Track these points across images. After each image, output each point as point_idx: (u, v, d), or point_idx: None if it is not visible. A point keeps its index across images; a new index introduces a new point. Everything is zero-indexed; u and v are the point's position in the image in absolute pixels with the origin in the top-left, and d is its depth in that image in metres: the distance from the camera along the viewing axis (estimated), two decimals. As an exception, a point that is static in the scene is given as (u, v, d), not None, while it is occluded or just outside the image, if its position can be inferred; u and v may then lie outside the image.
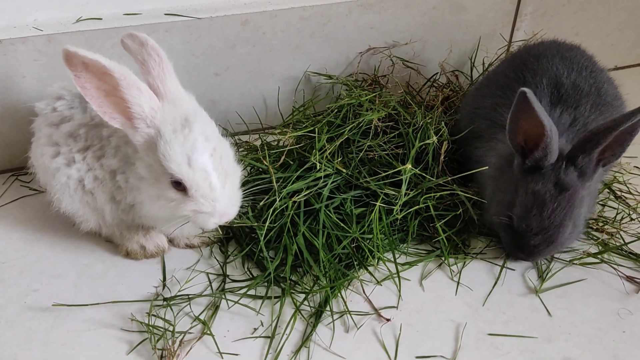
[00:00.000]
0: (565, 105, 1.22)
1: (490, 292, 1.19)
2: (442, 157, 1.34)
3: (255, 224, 1.25)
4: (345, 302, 1.16)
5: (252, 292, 1.18)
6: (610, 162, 1.14)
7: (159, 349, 1.06)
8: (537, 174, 1.13)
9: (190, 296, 1.17)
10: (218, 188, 1.05)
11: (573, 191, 1.12)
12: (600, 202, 1.40)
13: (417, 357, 1.06)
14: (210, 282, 1.21)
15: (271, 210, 1.22)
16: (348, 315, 1.14)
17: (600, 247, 1.28)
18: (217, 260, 1.27)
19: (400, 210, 1.26)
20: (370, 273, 1.22)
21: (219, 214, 1.07)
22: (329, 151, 1.31)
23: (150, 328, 1.09)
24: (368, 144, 1.36)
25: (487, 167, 1.24)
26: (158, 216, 1.14)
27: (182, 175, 1.03)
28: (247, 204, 1.29)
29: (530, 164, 1.14)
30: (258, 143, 1.49)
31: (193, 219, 1.08)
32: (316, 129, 1.37)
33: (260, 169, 1.33)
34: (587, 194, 1.17)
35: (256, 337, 1.10)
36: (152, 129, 1.04)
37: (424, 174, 1.30)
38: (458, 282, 1.22)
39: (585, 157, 1.11)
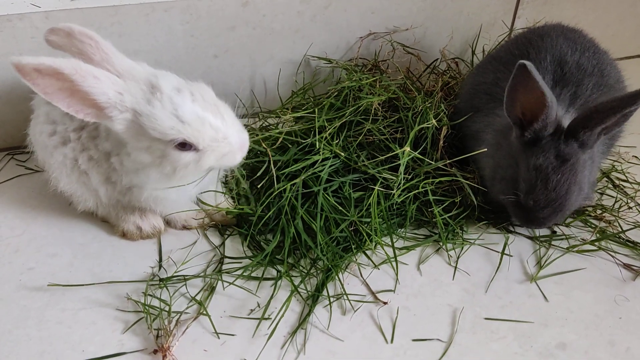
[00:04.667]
0: (567, 83, 1.22)
1: (492, 279, 1.19)
2: (441, 142, 1.34)
3: (253, 206, 1.24)
4: (342, 285, 1.15)
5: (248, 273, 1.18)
6: (613, 130, 1.13)
7: (154, 329, 1.06)
8: (536, 147, 1.13)
9: (186, 277, 1.16)
10: (220, 124, 1.03)
11: (575, 160, 1.12)
12: (599, 191, 1.40)
13: (414, 340, 1.06)
14: (207, 264, 1.21)
15: (269, 192, 1.22)
16: (345, 298, 1.13)
17: (598, 235, 1.28)
18: (214, 242, 1.27)
19: (399, 195, 1.25)
20: (367, 257, 1.22)
21: (238, 146, 1.06)
22: (328, 132, 1.30)
23: (147, 308, 1.08)
24: (367, 127, 1.35)
25: (485, 149, 1.23)
26: (168, 197, 1.14)
27: (181, 134, 1.00)
28: (244, 186, 1.28)
29: (529, 136, 1.14)
30: (257, 126, 1.48)
31: (219, 165, 1.07)
32: (315, 111, 1.36)
33: (259, 152, 1.32)
34: (589, 157, 1.16)
35: (253, 318, 1.10)
36: (126, 112, 1.00)
37: (422, 157, 1.29)
38: (455, 267, 1.21)
39: (587, 132, 1.11)
